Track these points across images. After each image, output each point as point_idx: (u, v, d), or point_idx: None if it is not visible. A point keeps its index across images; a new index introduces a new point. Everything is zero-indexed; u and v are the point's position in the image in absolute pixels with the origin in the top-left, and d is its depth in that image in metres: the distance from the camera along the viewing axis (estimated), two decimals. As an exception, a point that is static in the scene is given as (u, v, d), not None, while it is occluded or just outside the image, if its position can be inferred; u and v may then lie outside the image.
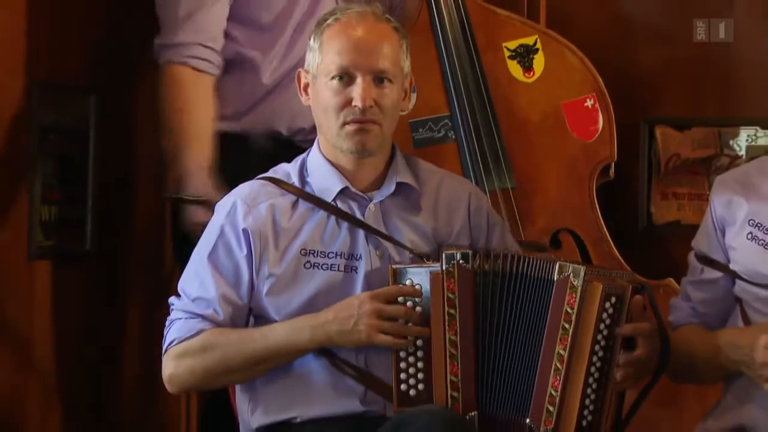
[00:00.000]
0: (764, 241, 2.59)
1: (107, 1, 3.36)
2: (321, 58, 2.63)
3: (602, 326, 2.50)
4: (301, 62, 2.84)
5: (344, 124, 2.61)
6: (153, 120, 3.30)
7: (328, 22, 2.65)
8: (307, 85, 2.69)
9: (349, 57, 2.59)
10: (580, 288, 2.49)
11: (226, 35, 3.15)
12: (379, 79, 2.61)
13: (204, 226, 2.74)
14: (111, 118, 3.35)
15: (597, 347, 2.50)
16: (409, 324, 2.54)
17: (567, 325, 2.50)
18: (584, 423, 2.50)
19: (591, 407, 2.52)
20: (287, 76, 3.12)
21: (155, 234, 3.52)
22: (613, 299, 2.50)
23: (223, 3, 3.13)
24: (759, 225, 2.61)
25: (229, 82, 3.16)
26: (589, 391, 2.51)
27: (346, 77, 2.60)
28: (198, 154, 3.12)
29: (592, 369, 2.50)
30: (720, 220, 2.69)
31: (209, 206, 2.86)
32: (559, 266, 2.52)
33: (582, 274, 2.49)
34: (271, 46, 3.16)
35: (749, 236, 2.62)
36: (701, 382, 2.83)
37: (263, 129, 3.15)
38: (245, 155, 3.14)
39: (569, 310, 2.49)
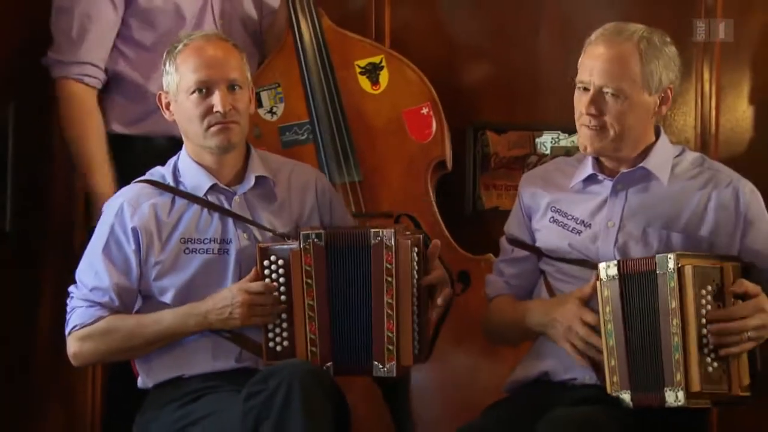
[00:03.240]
0: (563, 222, 2.92)
1: (24, 18, 3.51)
2: (179, 77, 2.88)
3: (414, 272, 2.82)
4: None
5: (209, 126, 2.87)
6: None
7: (179, 48, 2.89)
8: (168, 104, 2.94)
9: (205, 72, 2.85)
10: (393, 247, 2.80)
11: (119, 53, 3.39)
12: (231, 86, 2.87)
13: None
14: (29, 122, 3.53)
15: (414, 290, 2.82)
16: (274, 305, 2.81)
17: (390, 278, 2.80)
18: (416, 352, 2.83)
19: (418, 338, 2.83)
20: None
21: (67, 218, 3.69)
22: (416, 249, 2.83)
23: (112, 27, 3.37)
24: (558, 210, 2.93)
25: (126, 93, 3.41)
26: (415, 326, 2.82)
27: (204, 90, 2.86)
28: (100, 156, 3.33)
29: (414, 308, 2.82)
30: (527, 209, 3.00)
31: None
32: (373, 232, 2.82)
33: (393, 235, 2.81)
34: (157, 64, 3.26)
35: (551, 220, 2.94)
36: (511, 344, 3.11)
37: (162, 132, 3.35)
38: (147, 154, 3.32)
39: (389, 266, 2.80)
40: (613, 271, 2.71)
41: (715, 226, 2.85)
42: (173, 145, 3.24)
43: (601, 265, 2.74)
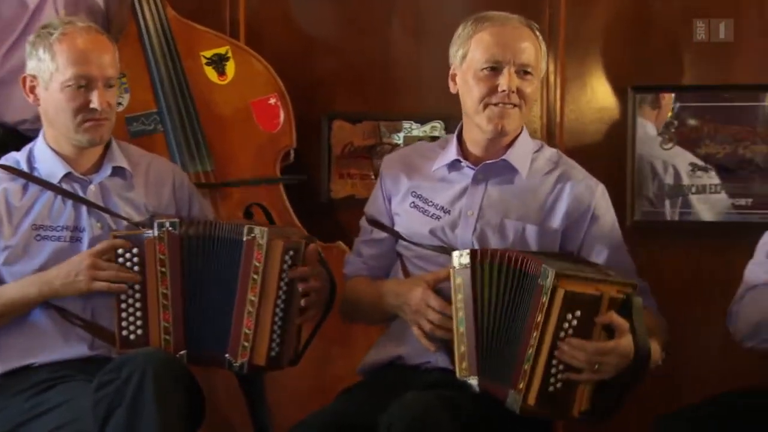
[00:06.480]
0: (423, 208, 2.95)
1: None
2: (55, 67, 2.86)
3: (284, 275, 2.82)
4: (24, 64, 3.04)
5: (83, 122, 2.87)
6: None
7: (56, 36, 2.86)
8: (33, 88, 2.92)
9: (85, 68, 2.85)
10: (265, 245, 2.80)
11: None
12: (107, 84, 2.90)
13: None
14: None
15: (281, 292, 2.83)
16: (120, 272, 2.81)
17: (256, 276, 2.80)
18: (273, 354, 2.84)
19: (277, 340, 2.84)
20: (9, 76, 3.31)
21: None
22: (291, 252, 2.83)
23: None
24: (419, 196, 2.96)
25: None
26: (275, 327, 2.83)
27: (83, 84, 2.86)
28: None
29: (277, 310, 2.83)
30: (388, 192, 3.02)
31: None
32: (247, 228, 2.82)
33: (266, 234, 2.81)
34: None
35: (411, 205, 2.97)
36: (368, 323, 3.11)
37: None
38: None
39: (257, 264, 2.80)
40: (466, 259, 2.74)
41: (566, 219, 2.92)
42: (5, 133, 3.33)
43: (455, 253, 2.77)
